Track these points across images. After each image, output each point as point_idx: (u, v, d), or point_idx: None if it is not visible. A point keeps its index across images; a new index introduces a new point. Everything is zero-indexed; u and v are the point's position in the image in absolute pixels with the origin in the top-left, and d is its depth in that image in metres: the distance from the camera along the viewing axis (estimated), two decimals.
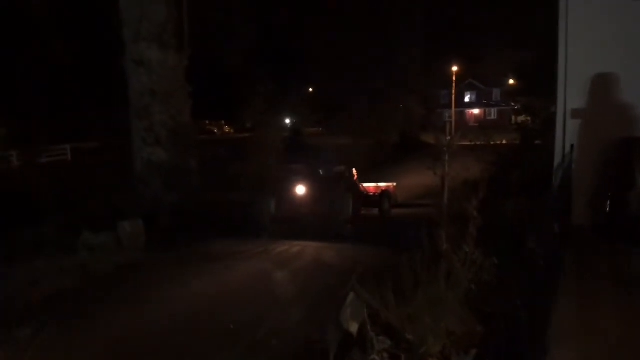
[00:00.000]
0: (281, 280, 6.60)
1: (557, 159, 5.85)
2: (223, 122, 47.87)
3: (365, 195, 11.90)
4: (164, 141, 8.96)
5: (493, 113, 57.19)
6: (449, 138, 3.51)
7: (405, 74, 30.96)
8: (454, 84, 42.38)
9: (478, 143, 10.93)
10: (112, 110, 13.37)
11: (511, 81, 50.30)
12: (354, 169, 12.01)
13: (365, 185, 12.37)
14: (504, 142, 14.98)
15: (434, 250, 3.57)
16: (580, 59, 5.54)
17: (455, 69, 41.18)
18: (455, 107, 45.87)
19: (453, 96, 43.69)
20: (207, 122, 45.96)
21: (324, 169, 11.06)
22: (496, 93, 56.93)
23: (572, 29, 5.59)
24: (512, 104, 52.47)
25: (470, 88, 57.34)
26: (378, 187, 12.72)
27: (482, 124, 47.70)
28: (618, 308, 3.40)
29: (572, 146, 5.56)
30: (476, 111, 58.34)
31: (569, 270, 3.99)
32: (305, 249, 8.37)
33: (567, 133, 5.72)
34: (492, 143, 11.64)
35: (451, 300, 3.50)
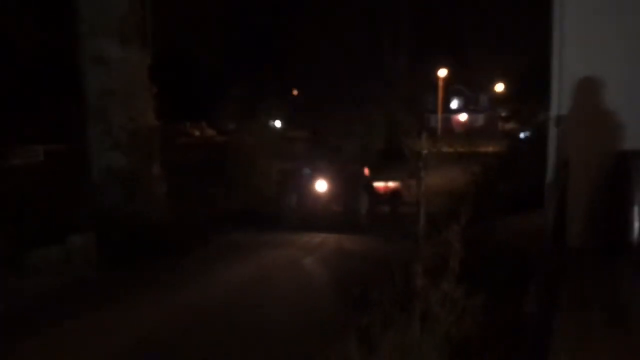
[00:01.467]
0: (311, 264, 7.42)
1: (550, 173, 5.30)
2: (204, 124, 46.94)
3: (377, 194, 12.79)
4: (123, 145, 8.21)
5: (480, 119, 57.19)
6: (425, 151, 2.88)
7: (391, 78, 30.53)
8: (440, 89, 42.06)
9: (462, 150, 10.81)
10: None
11: (499, 87, 50.41)
12: (366, 169, 12.87)
13: (375, 184, 13.14)
14: (491, 149, 14.61)
15: (408, 286, 2.94)
16: (576, 62, 4.98)
17: (441, 74, 40.86)
18: (442, 112, 45.53)
19: (439, 101, 43.38)
20: (188, 123, 45.05)
21: (342, 167, 12.06)
22: (483, 99, 56.96)
23: (567, 28, 5.03)
24: (499, 110, 52.56)
25: (457, 93, 57.22)
26: (388, 187, 13.61)
27: (468, 130, 47.61)
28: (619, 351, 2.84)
29: (566, 159, 4.99)
30: (462, 117, 58.25)
31: (564, 305, 3.40)
32: (327, 240, 9.16)
33: (560, 143, 5.16)
34: (476, 150, 11.47)
35: (426, 347, 2.88)
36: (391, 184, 13.67)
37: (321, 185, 11.34)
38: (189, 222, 10.13)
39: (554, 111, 5.16)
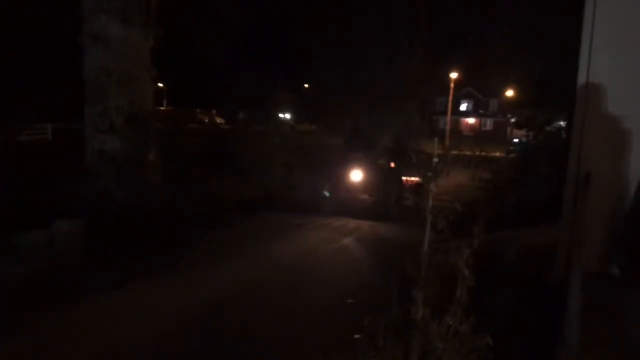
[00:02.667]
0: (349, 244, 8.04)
1: (569, 186, 4.88)
2: (214, 111, 46.71)
3: (403, 187, 13.81)
4: (119, 129, 7.83)
5: (489, 123, 56.55)
6: (436, 159, 2.50)
7: (403, 78, 29.93)
8: (451, 91, 41.44)
9: (469, 154, 10.66)
10: None
11: (509, 92, 49.66)
12: (392, 162, 13.98)
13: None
14: (498, 154, 14.45)
15: (406, 317, 2.55)
16: (605, 68, 4.55)
17: (453, 75, 40.20)
18: (451, 114, 44.92)
19: (450, 104, 42.77)
20: (198, 110, 44.83)
21: (374, 159, 13.13)
22: (493, 103, 56.31)
23: (598, 33, 4.60)
24: (509, 115, 51.96)
25: (468, 96, 56.60)
26: (412, 181, 14.54)
27: (477, 133, 47.00)
28: None
29: (587, 174, 4.57)
30: (472, 120, 57.62)
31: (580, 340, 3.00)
32: (360, 225, 9.56)
33: (583, 155, 4.73)
34: (483, 155, 11.32)
35: None
36: (414, 179, 14.74)
37: (356, 175, 12.27)
38: (187, 212, 9.83)
39: (577, 120, 4.72)
